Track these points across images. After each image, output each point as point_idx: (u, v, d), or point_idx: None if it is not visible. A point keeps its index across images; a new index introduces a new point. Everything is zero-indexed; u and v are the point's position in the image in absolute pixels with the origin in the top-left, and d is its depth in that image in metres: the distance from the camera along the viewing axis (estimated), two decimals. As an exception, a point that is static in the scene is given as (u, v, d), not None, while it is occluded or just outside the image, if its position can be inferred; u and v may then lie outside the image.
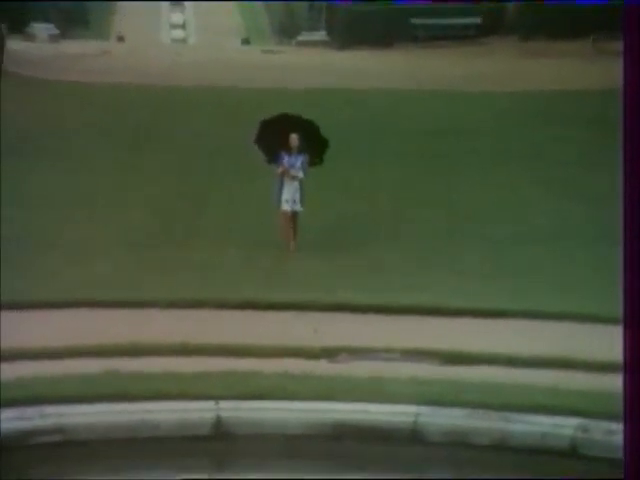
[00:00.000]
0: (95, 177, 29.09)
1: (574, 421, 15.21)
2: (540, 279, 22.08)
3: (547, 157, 32.43)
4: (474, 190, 28.83)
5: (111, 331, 18.10)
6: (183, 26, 78.61)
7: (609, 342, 17.87)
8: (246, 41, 71.89)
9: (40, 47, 54.77)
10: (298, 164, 23.06)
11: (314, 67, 49.45)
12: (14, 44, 47.28)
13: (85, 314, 19.15)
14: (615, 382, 16.38)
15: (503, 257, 23.83)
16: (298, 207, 22.93)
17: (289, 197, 22.87)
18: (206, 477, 15.38)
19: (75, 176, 29.67)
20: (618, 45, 51.96)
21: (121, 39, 69.73)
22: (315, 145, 23.34)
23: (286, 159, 22.90)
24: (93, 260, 22.90)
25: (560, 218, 26.60)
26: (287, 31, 72.58)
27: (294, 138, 22.83)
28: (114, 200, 27.81)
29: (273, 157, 23.30)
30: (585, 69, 46.62)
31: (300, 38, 68.67)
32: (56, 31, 62.71)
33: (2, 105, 37.69)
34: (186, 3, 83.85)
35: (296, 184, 22.93)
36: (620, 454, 14.78)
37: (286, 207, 22.80)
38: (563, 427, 15.24)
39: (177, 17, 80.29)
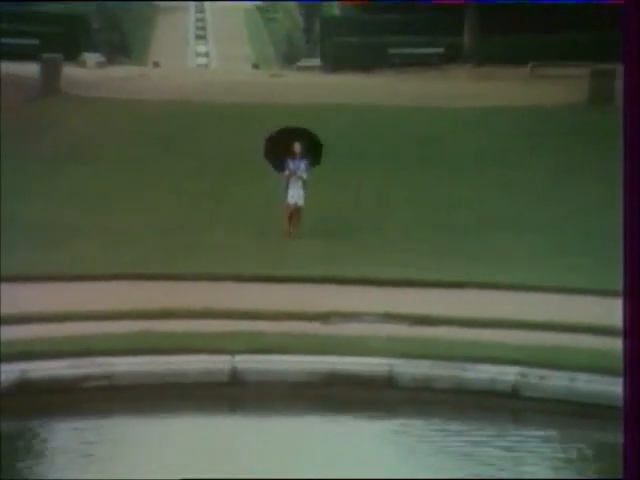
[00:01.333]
0: (135, 176, 29.21)
1: (515, 369, 15.25)
2: (493, 257, 22.04)
3: (494, 158, 32.36)
4: (439, 187, 28.78)
5: (147, 299, 18.18)
6: (206, 54, 78.66)
7: (545, 307, 18.03)
8: (256, 66, 72.03)
9: (90, 72, 54.61)
10: (302, 167, 22.88)
11: (310, 87, 49.12)
12: (69, 70, 46.94)
13: (126, 285, 19.18)
14: (547, 338, 16.61)
15: (463, 240, 23.82)
16: (300, 202, 22.79)
17: (294, 194, 22.71)
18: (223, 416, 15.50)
19: (120, 175, 29.62)
20: (550, 71, 52.55)
21: (156, 65, 69.52)
22: (314, 150, 23.16)
23: (291, 164, 22.70)
24: (135, 242, 22.98)
25: (501, 209, 26.55)
26: (289, 58, 72.45)
27: (297, 146, 22.64)
28: (151, 195, 27.83)
29: (280, 165, 23.02)
30: (523, 90, 46.55)
31: (299, 64, 68.58)
32: (103, 59, 62.47)
33: (61, 118, 37.88)
34: (208, 36, 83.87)
35: (300, 183, 22.77)
36: (553, 394, 15.05)
37: (291, 201, 22.70)
38: (507, 374, 15.26)
39: (201, 47, 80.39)
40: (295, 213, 22.82)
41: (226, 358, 15.67)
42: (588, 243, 23.56)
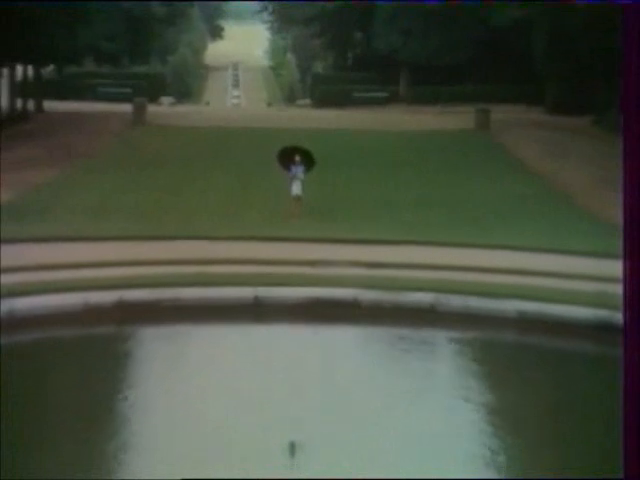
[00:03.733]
0: (193, 175, 28.80)
1: (432, 295, 15.42)
2: (429, 225, 21.47)
3: (416, 160, 32.22)
4: (386, 180, 28.42)
5: (202, 252, 18.00)
6: (238, 97, 78.15)
7: (453, 255, 17.82)
8: (269, 104, 71.51)
9: (165, 109, 54.49)
10: (300, 171, 22.67)
11: (303, 117, 48.71)
12: (151, 108, 46.55)
13: (188, 243, 18.79)
14: (453, 275, 16.60)
15: (402, 212, 23.35)
16: (300, 193, 22.47)
17: (296, 188, 22.40)
18: (245, 331, 15.52)
19: (184, 174, 29.15)
20: (452, 108, 52.35)
21: (207, 104, 69.26)
22: (308, 160, 22.84)
23: (293, 169, 22.52)
24: (192, 217, 22.47)
25: (421, 192, 26.25)
26: (290, 99, 72.41)
27: (297, 157, 22.51)
28: (202, 186, 27.31)
29: (287, 167, 22.76)
30: (435, 120, 46.41)
31: (297, 102, 68.63)
32: (173, 100, 62.28)
33: (146, 139, 37.75)
34: (240, 86, 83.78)
35: (299, 182, 22.47)
36: (454, 309, 15.25)
37: (294, 193, 22.38)
38: (427, 298, 15.35)
39: (235, 92, 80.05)
40: (296, 201, 22.55)
41: (250, 289, 15.71)
42: (473, 212, 23.38)
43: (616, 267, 16.61)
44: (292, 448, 10.27)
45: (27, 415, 11.44)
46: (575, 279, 16.31)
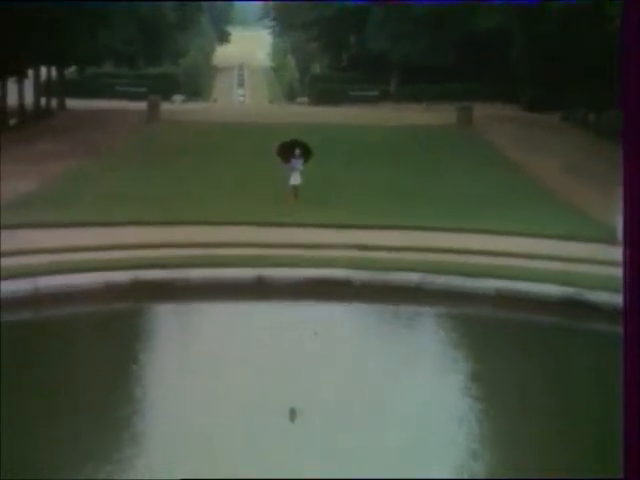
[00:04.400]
0: (200, 165, 28.47)
1: (418, 275, 15.39)
2: (411, 208, 21.32)
3: (403, 152, 32.08)
4: (375, 169, 28.09)
5: (208, 236, 17.77)
6: (243, 95, 77.02)
7: (437, 238, 17.69)
8: (271, 102, 70.65)
9: (177, 106, 54.04)
10: (299, 163, 22.69)
11: (301, 114, 48.32)
12: (164, 105, 46.16)
13: (197, 228, 18.67)
14: (440, 257, 16.52)
15: (390, 196, 23.13)
16: (298, 183, 22.30)
17: (294, 178, 22.15)
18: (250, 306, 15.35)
19: (195, 163, 28.96)
20: (437, 106, 51.25)
21: (215, 101, 68.34)
22: (306, 152, 22.72)
23: (293, 161, 22.49)
24: (197, 205, 21.81)
25: (405, 180, 26.01)
26: (290, 97, 71.82)
27: (297, 150, 22.34)
28: (211, 172, 27.08)
29: (287, 160, 22.51)
30: (421, 116, 46.01)
31: (297, 100, 68.05)
32: (185, 98, 61.59)
33: (160, 133, 37.62)
34: (245, 85, 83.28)
35: (298, 172, 22.32)
36: (438, 288, 15.18)
37: (293, 182, 22.19)
38: (412, 277, 15.36)
39: (241, 91, 79.22)
40: (295, 189, 22.37)
41: (253, 270, 15.65)
42: (453, 194, 23.46)
43: (579, 248, 17.08)
44: (292, 413, 10.23)
45: (55, 381, 11.55)
46: (544, 259, 16.36)
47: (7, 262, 14.94)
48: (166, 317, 15.22)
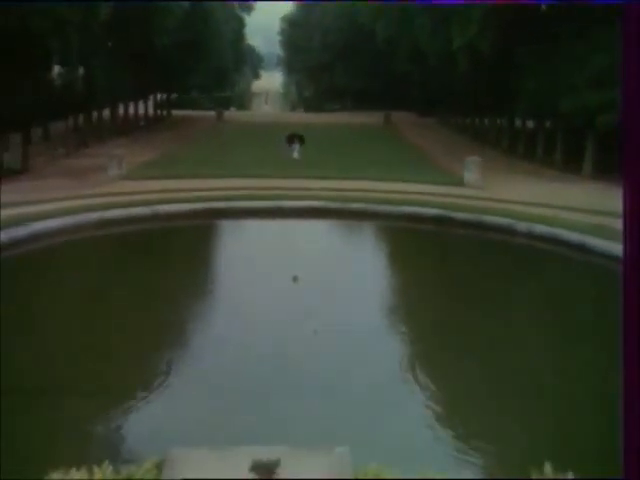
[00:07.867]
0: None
1: (364, 205, 14.84)
2: (359, 167, 20.93)
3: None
4: (341, 146, 28.30)
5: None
6: (267, 108, 76.00)
7: (380, 185, 17.33)
8: (282, 111, 67.20)
9: (232, 113, 52.93)
10: (297, 147, 22.51)
11: (299, 118, 48.46)
12: (225, 113, 46.58)
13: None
14: (378, 195, 15.97)
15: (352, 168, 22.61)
16: (298, 157, 22.23)
17: (295, 154, 21.97)
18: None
19: (239, 142, 29.33)
20: (373, 113, 49.80)
21: (252, 111, 65.91)
22: (301, 140, 22.63)
23: (293, 145, 22.09)
24: (240, 165, 21.30)
25: (359, 152, 25.77)
26: (292, 109, 70.39)
27: (296, 138, 22.20)
28: (247, 150, 26.49)
29: (291, 144, 22.28)
30: (363, 118, 46.48)
31: (297, 111, 66.33)
32: (236, 109, 61.58)
33: (223, 129, 38.03)
34: (269, 102, 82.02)
35: (297, 151, 22.11)
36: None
37: (294, 157, 21.76)
38: (361, 206, 14.87)
39: (267, 106, 77.15)
40: (296, 160, 21.91)
41: (273, 202, 15.19)
42: (381, 160, 23.09)
43: (444, 189, 16.41)
44: (295, 279, 9.95)
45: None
46: (427, 195, 16.39)
47: (137, 197, 14.88)
48: (225, 228, 14.76)
